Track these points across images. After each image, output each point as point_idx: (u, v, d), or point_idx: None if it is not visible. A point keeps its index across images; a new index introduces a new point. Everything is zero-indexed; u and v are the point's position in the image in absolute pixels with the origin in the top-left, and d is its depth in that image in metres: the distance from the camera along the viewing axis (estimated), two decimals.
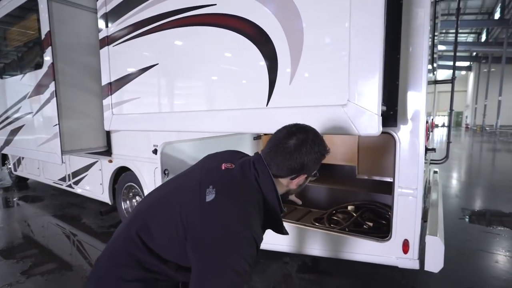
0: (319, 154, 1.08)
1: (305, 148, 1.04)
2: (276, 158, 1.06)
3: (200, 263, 0.91)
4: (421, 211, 1.91)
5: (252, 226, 0.96)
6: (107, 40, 2.92)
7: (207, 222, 0.94)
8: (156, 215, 1.06)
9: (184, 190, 1.07)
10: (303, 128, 1.09)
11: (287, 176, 1.08)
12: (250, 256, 0.93)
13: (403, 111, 1.85)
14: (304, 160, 1.04)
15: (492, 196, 5.63)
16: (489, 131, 23.83)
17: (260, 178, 1.05)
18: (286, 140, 1.05)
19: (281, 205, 1.10)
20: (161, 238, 1.01)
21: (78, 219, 4.40)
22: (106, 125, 3.18)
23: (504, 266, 2.97)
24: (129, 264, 1.01)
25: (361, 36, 1.50)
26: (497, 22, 21.56)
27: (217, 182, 1.02)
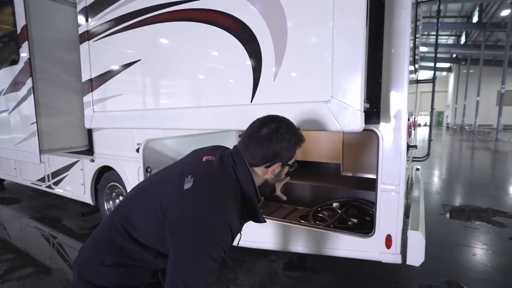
0: (292, 142, 1.10)
1: (277, 136, 1.07)
2: (250, 147, 1.09)
3: (175, 247, 0.94)
4: (403, 207, 1.95)
5: (228, 214, 0.98)
6: (87, 35, 2.83)
7: (183, 208, 0.97)
8: (138, 205, 1.10)
9: (165, 181, 1.10)
10: (275, 118, 1.13)
11: (262, 164, 1.11)
12: (225, 242, 0.96)
13: (386, 109, 1.88)
14: (276, 147, 1.07)
15: (471, 192, 5.84)
16: (468, 130, 24.74)
17: (237, 168, 1.09)
18: (259, 130, 1.09)
19: (257, 193, 1.13)
20: (142, 226, 1.05)
21: (58, 221, 4.25)
22: (86, 123, 3.08)
23: (481, 258, 3.09)
24: (110, 250, 1.06)
25: (344, 35, 1.51)
26: (475, 25, 22.39)
27: (196, 172, 1.06)
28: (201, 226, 0.93)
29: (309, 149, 3.32)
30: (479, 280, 2.68)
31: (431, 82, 3.39)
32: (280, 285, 2.62)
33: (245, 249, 2.95)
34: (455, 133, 24.94)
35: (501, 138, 18.09)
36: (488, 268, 2.90)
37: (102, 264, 1.05)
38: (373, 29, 1.80)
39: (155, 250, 1.06)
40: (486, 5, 20.45)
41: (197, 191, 1.00)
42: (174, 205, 0.99)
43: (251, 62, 1.83)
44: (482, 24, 21.54)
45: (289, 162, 1.16)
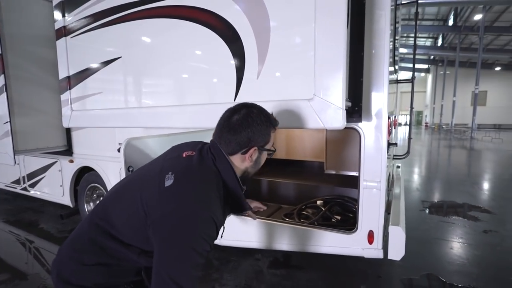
0: (264, 125, 1.11)
1: (248, 121, 1.08)
2: (223, 136, 1.10)
3: (160, 244, 0.93)
4: (384, 203, 2.00)
5: (211, 208, 0.98)
6: (64, 31, 2.72)
7: (165, 205, 0.96)
8: (119, 203, 1.08)
9: (145, 178, 1.09)
10: (245, 104, 1.15)
11: (238, 151, 1.11)
12: (209, 236, 0.96)
13: (367, 107, 1.93)
14: (248, 132, 1.08)
15: (448, 189, 6.08)
16: (445, 129, 25.73)
17: (217, 161, 1.09)
18: (230, 117, 1.10)
19: (240, 183, 1.13)
20: (124, 225, 1.04)
21: (35, 225, 4.08)
22: (64, 122, 2.97)
23: (458, 251, 3.22)
24: (91, 249, 1.04)
25: (326, 35, 1.54)
26: (450, 28, 23.30)
27: (177, 168, 1.04)
28: (185, 222, 0.93)
29: (293, 148, 3.35)
30: (456, 272, 2.80)
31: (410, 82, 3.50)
32: (266, 283, 2.63)
33: (230, 249, 2.95)
34: (434, 132, 25.89)
35: (476, 136, 18.93)
36: (464, 260, 3.03)
37: (82, 263, 1.03)
38: (354, 30, 1.84)
39: (138, 248, 1.04)
40: (460, 9, 21.33)
41: (178, 187, 0.98)
42: (156, 203, 0.97)
43: (234, 60, 1.82)
44: (457, 27, 22.46)
45: (266, 146, 1.16)
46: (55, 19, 2.81)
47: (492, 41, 24.62)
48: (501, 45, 25.31)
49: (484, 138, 18.02)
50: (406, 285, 2.62)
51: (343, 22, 1.44)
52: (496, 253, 3.20)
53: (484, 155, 11.17)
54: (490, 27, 21.12)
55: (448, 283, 2.61)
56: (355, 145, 2.56)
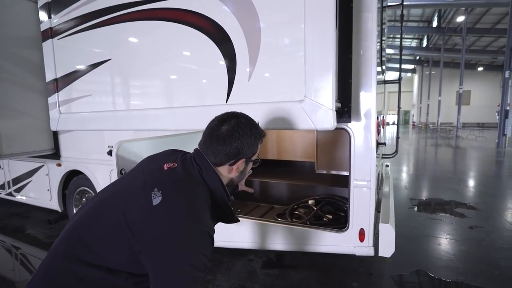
0: (253, 137, 1.09)
1: (238, 132, 1.05)
2: (212, 146, 1.06)
3: (156, 265, 0.88)
4: (374, 202, 2.04)
5: (203, 220, 0.96)
6: (51, 33, 2.67)
7: (158, 225, 0.91)
8: (96, 225, 0.98)
9: (126, 196, 1.01)
10: (234, 114, 1.12)
11: (226, 162, 1.09)
12: (206, 248, 0.94)
13: (356, 108, 1.97)
14: (238, 143, 1.05)
15: (435, 186, 6.23)
16: (431, 128, 26.34)
17: (203, 172, 1.06)
18: (219, 127, 1.07)
19: (228, 194, 1.11)
20: (106, 249, 0.95)
21: (22, 230, 3.97)
22: (52, 125, 2.91)
23: (445, 247, 3.31)
24: (68, 283, 0.92)
25: (315, 37, 1.57)
26: (435, 29, 23.92)
27: (162, 184, 0.99)
28: (180, 240, 0.89)
29: (284, 148, 3.37)
30: (443, 267, 2.87)
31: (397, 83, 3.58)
32: (259, 283, 2.64)
33: (224, 250, 2.95)
34: (420, 131, 26.47)
35: (461, 135, 19.45)
36: (452, 256, 3.11)
37: None
38: (342, 32, 1.88)
39: (125, 272, 0.95)
40: (444, 11, 21.91)
41: (168, 204, 0.93)
42: (147, 223, 0.91)
43: (225, 62, 1.83)
44: (441, 29, 23.06)
45: (252, 158, 1.15)
46: (41, 20, 2.75)
47: (475, 42, 25.39)
48: (483, 46, 26.13)
49: (468, 137, 18.54)
50: (396, 281, 2.67)
51: (332, 25, 1.47)
52: (482, 248, 3.30)
53: (469, 153, 11.49)
54: (473, 29, 21.78)
55: (436, 278, 2.68)
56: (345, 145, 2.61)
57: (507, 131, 12.30)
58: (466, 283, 2.59)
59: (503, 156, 10.46)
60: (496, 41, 24.23)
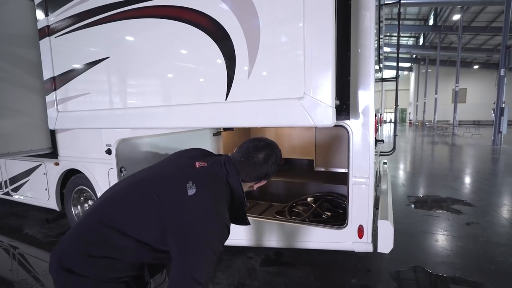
0: (278, 165, 1.35)
1: (271, 161, 1.30)
2: (247, 168, 1.29)
3: (184, 245, 1.05)
4: (373, 198, 2.06)
5: (224, 214, 1.17)
6: (48, 31, 2.64)
7: (190, 212, 1.10)
8: (130, 202, 1.16)
9: (163, 182, 1.20)
10: (270, 144, 1.34)
11: (251, 181, 1.35)
12: (224, 237, 1.15)
13: (355, 105, 1.98)
14: (268, 170, 1.31)
15: (432, 183, 6.28)
16: (428, 126, 26.49)
17: (229, 177, 1.26)
18: (256, 154, 1.29)
19: (245, 200, 1.32)
20: (136, 222, 1.11)
21: (19, 230, 3.95)
22: (50, 124, 2.89)
23: (442, 243, 3.35)
24: (99, 243, 1.09)
25: (314, 34, 1.57)
26: (431, 28, 24.01)
27: (196, 179, 1.17)
28: (208, 228, 1.09)
29: (283, 146, 3.38)
30: (441, 263, 2.91)
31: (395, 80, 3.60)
32: (259, 281, 2.65)
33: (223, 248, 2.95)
34: (417, 128, 26.60)
35: (457, 132, 19.59)
36: (448, 252, 3.15)
37: (88, 255, 1.07)
38: (340, 29, 1.88)
39: (149, 246, 1.11)
40: (440, 10, 22.01)
41: (201, 197, 1.13)
42: (180, 210, 1.10)
43: (224, 60, 1.83)
44: (437, 27, 23.16)
45: None
46: (37, 18, 2.72)
47: (470, 40, 25.55)
48: (479, 44, 26.29)
49: (465, 134, 18.68)
50: (394, 277, 2.70)
51: (331, 22, 1.48)
52: (478, 243, 3.34)
53: (465, 151, 11.58)
54: (468, 27, 21.91)
55: (433, 274, 2.71)
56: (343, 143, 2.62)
57: (502, 128, 12.39)
58: (463, 279, 2.62)
59: (498, 153, 10.56)
60: (492, 39, 24.39)
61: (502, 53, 12.10)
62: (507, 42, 12.26)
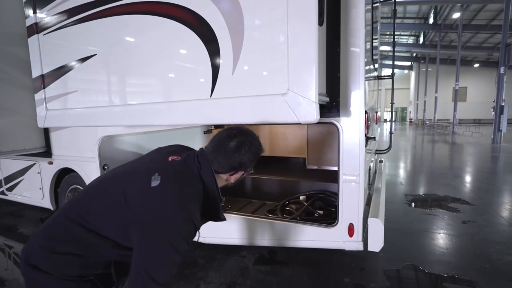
0: (255, 154, 1.23)
1: (244, 149, 1.19)
2: (219, 157, 1.19)
3: (142, 240, 1.00)
4: (363, 196, 2.04)
5: (191, 209, 1.07)
6: (36, 28, 2.63)
7: (150, 204, 1.04)
8: (99, 197, 1.13)
9: (129, 175, 1.17)
10: (243, 131, 1.24)
11: (227, 172, 1.23)
12: (187, 234, 1.05)
13: (345, 102, 1.96)
14: (242, 159, 1.19)
15: (431, 182, 6.25)
16: (428, 125, 26.42)
17: (202, 170, 1.18)
18: (228, 142, 1.19)
19: (220, 194, 1.23)
20: (103, 217, 1.09)
21: (14, 230, 3.94)
22: (39, 122, 2.88)
23: (438, 242, 3.32)
24: (64, 239, 1.07)
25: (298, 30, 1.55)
26: (431, 26, 23.95)
27: (163, 171, 1.12)
28: (168, 222, 1.01)
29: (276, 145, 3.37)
30: (436, 261, 2.88)
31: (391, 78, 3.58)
32: (251, 279, 2.63)
33: (216, 247, 2.94)
34: (417, 127, 26.55)
35: (457, 131, 19.53)
36: (444, 250, 3.12)
37: (53, 251, 1.06)
38: (330, 26, 1.86)
39: (113, 241, 1.08)
40: (440, 8, 21.93)
41: (164, 188, 1.06)
42: (141, 201, 1.05)
43: (209, 56, 1.81)
44: (437, 26, 23.09)
45: (249, 169, 1.29)
46: (26, 15, 2.70)
47: (470, 38, 25.45)
48: (479, 42, 26.20)
49: (465, 133, 18.62)
50: (388, 276, 2.68)
51: (314, 17, 1.46)
52: (474, 242, 3.32)
53: (464, 149, 11.54)
54: (468, 25, 21.82)
55: (428, 273, 2.69)
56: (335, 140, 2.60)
57: (502, 127, 12.34)
58: (457, 277, 2.60)
59: (498, 151, 10.52)
60: (492, 38, 24.29)
61: (502, 51, 12.05)
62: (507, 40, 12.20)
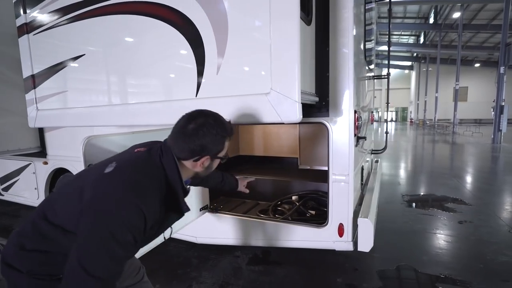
0: (218, 136, 1.12)
1: (203, 131, 1.08)
2: (178, 142, 1.10)
3: (81, 223, 0.92)
4: (353, 196, 2.03)
5: (143, 199, 0.96)
6: (27, 28, 2.63)
7: (97, 189, 0.98)
8: (65, 192, 1.12)
9: (92, 169, 1.14)
10: (202, 113, 1.14)
11: (190, 158, 1.12)
12: (133, 226, 0.93)
13: (334, 102, 1.95)
14: (202, 142, 1.08)
15: (429, 182, 6.24)
16: (429, 125, 26.36)
17: (163, 158, 1.10)
18: (186, 125, 1.10)
19: (182, 183, 1.13)
20: (63, 210, 1.05)
21: (10, 230, 3.95)
22: (30, 122, 2.88)
23: (433, 242, 3.31)
24: (32, 235, 1.05)
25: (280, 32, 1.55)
26: (431, 26, 23.89)
27: (121, 159, 1.08)
28: (110, 207, 0.92)
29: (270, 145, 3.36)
30: (430, 262, 2.87)
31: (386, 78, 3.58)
32: (244, 279, 2.63)
33: (210, 247, 2.94)
34: (418, 127, 26.50)
35: (457, 131, 19.48)
36: (438, 250, 3.11)
37: (21, 248, 1.03)
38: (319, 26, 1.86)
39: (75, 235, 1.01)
40: (440, 8, 21.87)
41: (115, 174, 1.00)
42: (92, 186, 0.99)
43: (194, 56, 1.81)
44: (437, 25, 23.04)
45: (219, 155, 1.17)
46: (16, 15, 2.71)
47: (471, 38, 25.38)
48: (480, 42, 26.12)
49: (465, 133, 18.57)
50: (381, 276, 2.66)
51: (296, 17, 1.46)
52: (469, 242, 3.30)
53: (464, 149, 11.51)
54: (469, 25, 21.76)
55: (421, 273, 2.68)
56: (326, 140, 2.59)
57: (502, 126, 12.31)
58: (450, 277, 2.59)
59: (497, 151, 10.48)
60: (493, 37, 24.22)
61: (502, 50, 12.02)
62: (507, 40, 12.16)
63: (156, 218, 1.03)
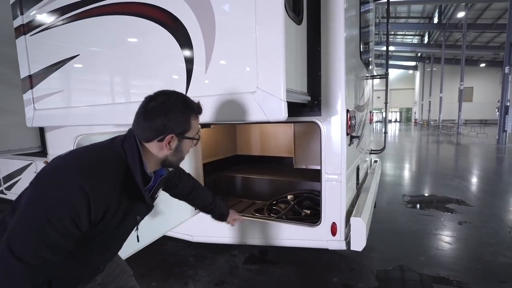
0: (182, 112, 1.05)
1: (163, 108, 1.02)
2: (139, 123, 1.04)
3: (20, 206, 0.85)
4: (345, 195, 2.03)
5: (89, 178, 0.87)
6: (23, 29, 2.68)
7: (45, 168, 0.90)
8: None
9: None
10: (164, 92, 1.08)
11: (153, 138, 1.04)
12: (73, 207, 0.83)
13: (326, 101, 1.96)
14: (163, 119, 1.02)
15: (431, 182, 6.19)
16: (433, 125, 26.15)
17: (125, 142, 1.03)
18: (147, 104, 1.04)
19: (143, 169, 1.04)
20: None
21: None
22: (28, 122, 2.93)
23: (432, 243, 3.29)
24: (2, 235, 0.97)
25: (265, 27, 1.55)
26: (436, 26, 23.73)
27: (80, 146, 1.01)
28: (51, 183, 0.84)
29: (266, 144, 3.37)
30: (427, 262, 2.85)
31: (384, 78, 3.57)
32: (240, 278, 2.64)
33: (207, 246, 2.96)
34: (422, 128, 26.28)
35: (462, 131, 19.30)
36: (436, 251, 3.09)
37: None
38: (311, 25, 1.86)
39: None
40: (444, 7, 21.72)
41: (66, 155, 0.93)
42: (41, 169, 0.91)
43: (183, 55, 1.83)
44: (441, 25, 22.88)
45: (186, 134, 1.09)
46: (13, 16, 2.76)
47: (476, 38, 25.14)
48: (485, 42, 25.87)
49: (470, 133, 18.38)
50: (377, 276, 2.65)
51: (281, 14, 1.47)
52: (468, 243, 3.28)
53: (468, 150, 11.40)
54: (473, 25, 21.57)
55: (418, 273, 2.66)
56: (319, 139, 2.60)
57: (507, 127, 12.17)
58: (448, 278, 2.57)
59: (502, 152, 10.37)
60: (498, 37, 23.97)
61: (507, 50, 11.89)
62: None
63: (108, 203, 0.93)
